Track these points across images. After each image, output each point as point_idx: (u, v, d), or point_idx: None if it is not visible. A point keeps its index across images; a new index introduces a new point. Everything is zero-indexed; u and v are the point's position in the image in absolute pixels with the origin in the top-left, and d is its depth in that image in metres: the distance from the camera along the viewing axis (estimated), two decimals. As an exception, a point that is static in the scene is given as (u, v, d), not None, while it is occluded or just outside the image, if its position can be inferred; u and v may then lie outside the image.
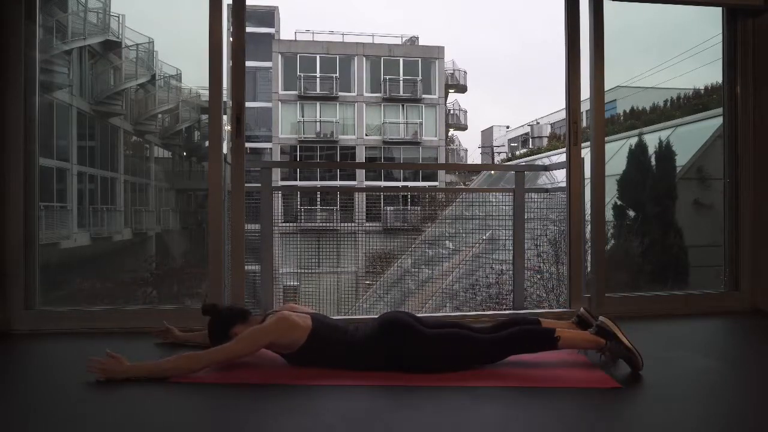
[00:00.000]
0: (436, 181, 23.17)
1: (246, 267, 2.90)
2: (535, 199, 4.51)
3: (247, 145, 3.12)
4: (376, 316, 2.29)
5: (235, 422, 1.69)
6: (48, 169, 4.46)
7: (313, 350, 2.09)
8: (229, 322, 2.19)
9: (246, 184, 2.91)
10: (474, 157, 31.93)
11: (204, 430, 1.67)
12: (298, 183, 22.36)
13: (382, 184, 22.91)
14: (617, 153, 5.25)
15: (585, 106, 3.19)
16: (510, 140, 32.56)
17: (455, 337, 2.15)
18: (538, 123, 27.35)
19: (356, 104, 24.58)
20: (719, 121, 3.67)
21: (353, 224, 7.07)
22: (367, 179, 22.76)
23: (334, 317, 2.67)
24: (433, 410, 1.77)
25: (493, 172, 11.24)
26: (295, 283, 5.85)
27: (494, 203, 5.43)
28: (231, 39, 2.93)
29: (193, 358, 2.05)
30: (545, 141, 24.88)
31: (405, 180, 23.48)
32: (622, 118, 7.52)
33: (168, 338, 2.54)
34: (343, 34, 25.47)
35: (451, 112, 27.23)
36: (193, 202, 5.92)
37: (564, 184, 3.27)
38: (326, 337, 2.11)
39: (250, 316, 2.24)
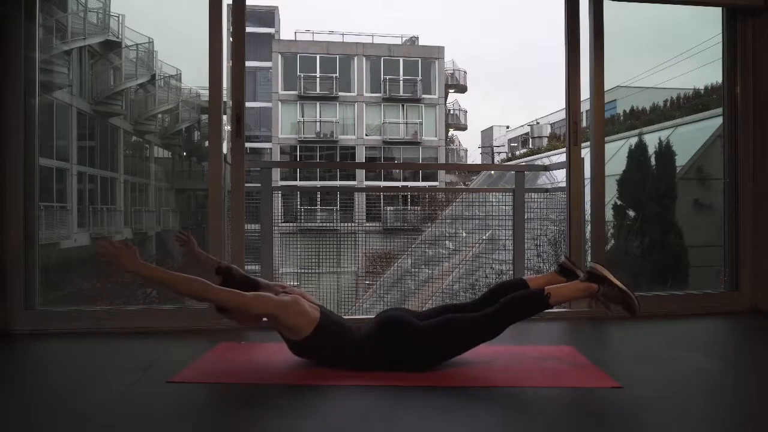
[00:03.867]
0: (436, 181, 23.19)
1: (246, 267, 2.90)
2: (535, 199, 4.50)
3: (247, 145, 3.12)
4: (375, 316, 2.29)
5: (235, 422, 1.69)
6: (48, 169, 4.46)
7: (317, 343, 2.08)
8: (240, 288, 2.13)
9: (246, 184, 2.91)
10: (474, 157, 31.99)
11: (204, 430, 1.67)
12: (298, 183, 22.37)
13: (382, 184, 22.92)
14: (617, 153, 5.25)
15: (585, 106, 3.19)
16: (510, 140, 32.57)
17: (451, 323, 2.12)
18: (538, 123, 27.36)
19: (356, 104, 24.59)
20: (719, 121, 3.67)
21: (353, 224, 7.07)
22: (367, 179, 22.77)
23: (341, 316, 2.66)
24: (433, 410, 1.76)
25: (493, 172, 11.24)
26: (295, 283, 5.85)
27: (494, 203, 5.43)
28: (231, 39, 2.93)
29: (207, 285, 1.96)
30: (545, 141, 24.89)
31: (405, 180, 23.50)
32: (622, 118, 7.52)
33: (187, 246, 2.46)
34: (343, 34, 25.49)
35: (451, 112, 27.24)
36: (193, 202, 5.93)
37: (564, 184, 3.27)
38: (331, 333, 2.10)
39: (262, 287, 2.22)
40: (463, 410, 1.75)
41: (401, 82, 24.64)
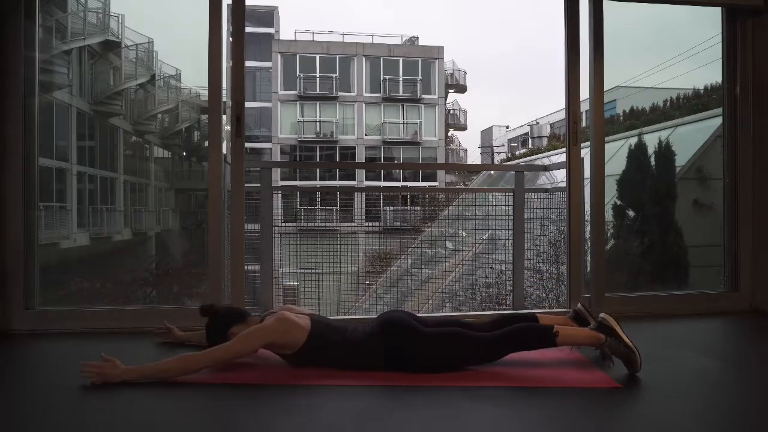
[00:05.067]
0: (436, 181, 23.19)
1: (246, 267, 2.90)
2: (535, 199, 4.51)
3: (247, 145, 3.12)
4: (376, 316, 2.29)
5: (235, 422, 1.69)
6: (48, 169, 4.46)
7: (312, 351, 2.09)
8: (227, 323, 2.18)
9: (246, 184, 2.91)
10: (474, 157, 31.96)
11: (204, 430, 1.67)
12: (298, 183, 22.37)
13: (382, 184, 22.91)
14: (617, 153, 5.25)
15: (585, 106, 3.19)
16: (510, 140, 32.56)
17: (454, 336, 2.14)
18: (537, 123, 27.36)
19: (356, 104, 24.58)
20: (719, 121, 3.67)
21: (353, 224, 7.07)
22: (366, 179, 22.77)
23: (334, 317, 2.67)
24: (433, 410, 1.76)
25: (492, 172, 11.24)
26: (295, 283, 5.85)
27: (494, 203, 5.43)
28: (231, 39, 2.93)
29: (190, 358, 2.02)
30: (545, 141, 24.89)
31: (405, 180, 23.49)
32: (621, 118, 7.52)
33: (169, 338, 2.54)
34: (342, 34, 25.48)
35: (451, 112, 27.23)
36: (193, 202, 5.93)
37: (564, 184, 3.27)
38: (326, 338, 2.11)
39: (249, 317, 2.23)
40: (463, 410, 1.75)
41: (401, 82, 24.64)
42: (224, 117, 3.08)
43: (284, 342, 2.08)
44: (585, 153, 3.18)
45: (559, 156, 6.20)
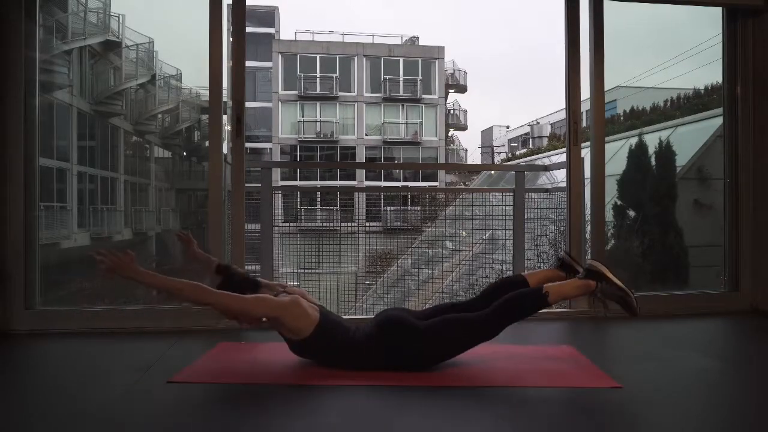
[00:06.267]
0: (436, 181, 23.20)
1: (246, 267, 2.90)
2: (535, 199, 4.50)
3: (247, 145, 3.12)
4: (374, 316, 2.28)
5: (235, 422, 1.69)
6: (48, 169, 4.46)
7: (317, 343, 2.08)
8: (240, 288, 2.14)
9: (246, 184, 2.91)
10: (474, 157, 31.98)
11: (204, 430, 1.67)
12: (298, 183, 22.37)
13: (382, 184, 22.93)
14: (617, 153, 5.25)
15: (585, 106, 3.19)
16: (510, 140, 32.57)
17: (451, 324, 2.12)
18: (538, 123, 27.36)
19: (356, 104, 24.59)
20: (719, 121, 3.67)
21: (353, 224, 7.06)
22: (367, 179, 22.79)
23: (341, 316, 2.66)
24: (433, 410, 1.77)
25: (493, 172, 11.24)
26: (295, 283, 5.85)
27: (494, 203, 5.43)
28: (231, 39, 2.93)
29: (206, 290, 1.95)
30: (545, 141, 24.89)
31: (405, 180, 23.50)
32: (622, 118, 7.52)
33: (188, 246, 2.41)
34: (343, 34, 25.50)
35: (451, 112, 27.23)
36: (193, 202, 5.92)
37: (564, 184, 3.27)
38: (331, 334, 2.10)
39: (261, 288, 2.21)
40: (463, 410, 1.75)
41: (401, 82, 24.64)
42: (224, 117, 3.08)
43: (290, 324, 2.04)
44: (585, 153, 3.18)
45: (560, 156, 6.20)
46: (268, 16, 26.12)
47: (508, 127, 34.21)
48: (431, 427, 1.66)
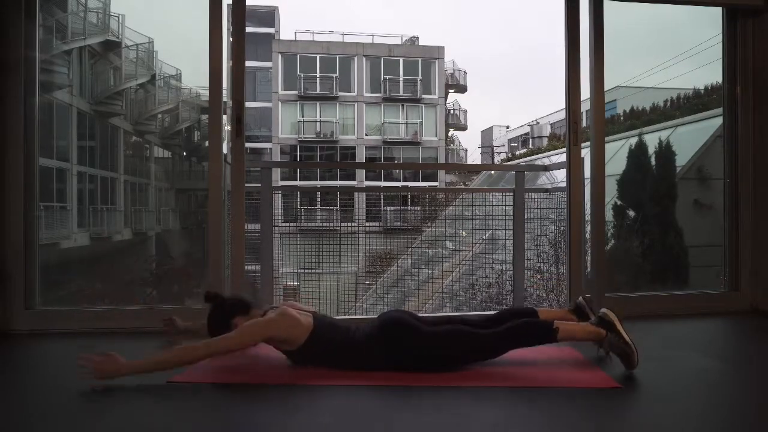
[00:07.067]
0: (436, 181, 23.19)
1: (246, 267, 2.90)
2: (535, 199, 4.50)
3: (247, 145, 3.12)
4: (376, 316, 2.29)
5: (235, 422, 1.69)
6: (48, 169, 4.46)
7: (314, 349, 2.09)
8: (230, 312, 2.15)
9: (246, 184, 2.91)
10: (474, 157, 31.97)
11: (204, 430, 1.67)
12: (298, 183, 22.36)
13: (382, 184, 22.93)
14: (617, 153, 5.25)
15: (585, 106, 3.19)
16: (510, 140, 32.56)
17: (455, 333, 2.14)
18: (538, 123, 27.36)
19: (356, 104, 24.59)
20: (719, 121, 3.67)
21: (353, 224, 7.07)
22: (367, 179, 22.78)
23: (335, 317, 2.66)
24: (433, 410, 1.76)
25: (493, 172, 11.24)
26: (295, 283, 5.85)
27: (494, 203, 5.43)
28: (231, 39, 2.93)
29: (188, 349, 1.98)
30: (545, 141, 24.89)
31: (405, 180, 23.49)
32: (622, 118, 7.52)
33: (172, 331, 2.48)
34: (343, 34, 25.49)
35: (451, 112, 27.23)
36: (193, 202, 5.92)
37: (564, 184, 3.27)
38: (327, 337, 2.11)
39: (252, 308, 2.21)
40: (463, 410, 1.75)
41: (401, 82, 24.64)
42: (224, 117, 3.08)
43: (285, 337, 2.07)
44: (585, 153, 3.18)
45: (560, 156, 6.19)
46: (268, 16, 26.12)
47: (508, 127, 34.21)
48: (431, 426, 1.66)
